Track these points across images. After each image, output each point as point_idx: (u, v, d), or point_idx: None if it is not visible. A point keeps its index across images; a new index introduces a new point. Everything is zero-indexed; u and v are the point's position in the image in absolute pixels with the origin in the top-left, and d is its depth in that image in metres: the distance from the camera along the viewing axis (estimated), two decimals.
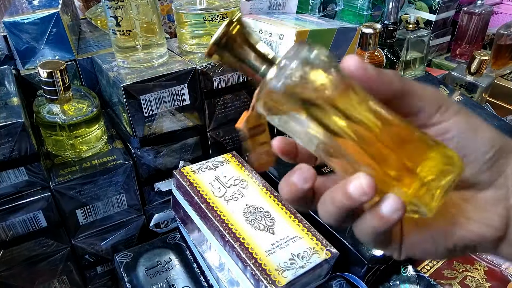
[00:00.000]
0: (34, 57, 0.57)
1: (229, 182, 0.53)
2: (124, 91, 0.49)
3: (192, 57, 0.57)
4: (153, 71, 0.52)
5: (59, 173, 0.51)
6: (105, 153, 0.54)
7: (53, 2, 0.58)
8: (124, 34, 0.51)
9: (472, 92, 0.82)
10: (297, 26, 0.63)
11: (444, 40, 1.04)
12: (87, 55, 0.60)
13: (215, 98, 0.57)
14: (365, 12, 0.80)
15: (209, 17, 0.56)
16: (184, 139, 0.57)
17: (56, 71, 0.49)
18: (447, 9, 0.98)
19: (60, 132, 0.51)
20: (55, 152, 0.53)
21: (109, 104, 0.61)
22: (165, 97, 0.53)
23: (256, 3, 0.70)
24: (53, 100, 0.50)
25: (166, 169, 0.58)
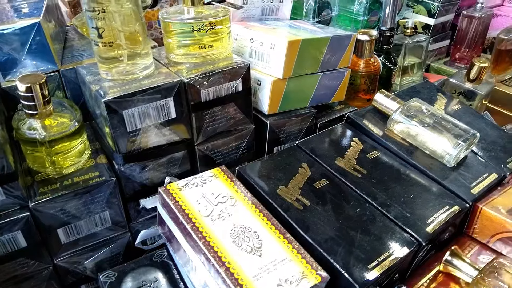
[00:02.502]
0: (15, 69, 0.55)
1: (216, 200, 0.51)
2: (106, 106, 0.47)
3: (179, 68, 0.55)
4: (137, 84, 0.50)
5: (39, 191, 0.49)
6: (88, 169, 0.52)
7: (35, 11, 0.56)
8: (107, 46, 0.49)
9: (471, 100, 0.79)
10: (290, 35, 0.61)
11: (443, 44, 1.02)
12: (72, 65, 0.58)
13: (203, 111, 0.55)
14: (361, 17, 0.78)
15: (196, 26, 0.54)
16: (170, 154, 0.55)
17: (35, 85, 0.47)
18: (446, 13, 0.96)
19: (40, 148, 0.49)
20: (35, 168, 0.51)
21: (92, 114, 0.59)
22: (149, 111, 0.50)
23: (248, 10, 0.68)
24: (33, 115, 0.48)
25: (152, 185, 0.56)
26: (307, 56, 0.61)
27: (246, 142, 0.62)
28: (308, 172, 0.56)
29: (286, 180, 0.55)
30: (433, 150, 0.60)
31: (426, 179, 0.57)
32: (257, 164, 0.58)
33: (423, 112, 0.62)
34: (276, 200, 0.52)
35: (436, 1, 0.92)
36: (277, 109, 0.63)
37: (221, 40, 0.57)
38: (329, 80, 0.67)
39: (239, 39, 0.63)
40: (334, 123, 0.69)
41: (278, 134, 0.65)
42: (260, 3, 0.69)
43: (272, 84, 0.60)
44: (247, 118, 0.60)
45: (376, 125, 0.65)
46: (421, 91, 0.75)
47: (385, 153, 0.61)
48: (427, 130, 0.60)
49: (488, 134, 0.67)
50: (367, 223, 0.50)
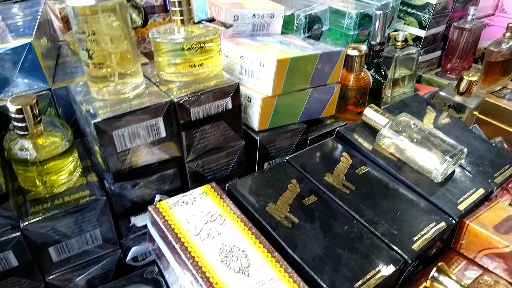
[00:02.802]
0: (7, 88, 0.56)
1: (205, 218, 0.52)
2: (95, 127, 0.48)
3: (170, 86, 0.56)
4: (127, 105, 0.51)
5: (30, 210, 0.50)
6: (79, 188, 0.53)
7: (27, 30, 0.57)
8: (97, 67, 0.50)
9: (460, 112, 0.80)
10: (279, 52, 0.62)
11: (434, 56, 1.03)
12: (63, 83, 0.59)
13: (193, 129, 0.56)
14: (352, 32, 0.78)
15: (187, 46, 0.55)
16: (161, 172, 0.56)
17: (26, 107, 0.47)
18: (437, 24, 0.97)
19: (31, 168, 0.50)
20: (27, 187, 0.52)
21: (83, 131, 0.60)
22: (139, 131, 0.51)
23: (239, 26, 0.69)
24: (24, 136, 0.49)
25: (143, 202, 0.57)
26: (297, 73, 0.62)
27: (236, 158, 0.63)
28: (297, 188, 0.57)
29: (275, 197, 0.55)
30: (421, 166, 0.60)
31: (414, 195, 0.58)
32: (247, 181, 0.58)
33: (411, 128, 0.63)
34: (265, 218, 0.52)
35: (427, 13, 0.93)
36: (267, 125, 0.64)
37: (211, 58, 0.58)
38: (319, 96, 0.68)
39: (230, 56, 0.64)
40: (325, 138, 0.70)
41: (268, 150, 0.65)
42: (251, 19, 0.69)
43: (262, 101, 0.61)
44: (237, 134, 0.61)
45: (366, 139, 0.66)
46: (410, 104, 0.76)
47: (374, 169, 0.61)
48: (415, 146, 0.61)
49: (476, 148, 0.68)
50: (354, 240, 0.50)
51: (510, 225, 0.55)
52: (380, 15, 0.75)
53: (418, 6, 0.94)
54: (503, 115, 0.91)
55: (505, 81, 0.95)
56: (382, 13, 0.75)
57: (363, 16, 0.78)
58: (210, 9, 0.70)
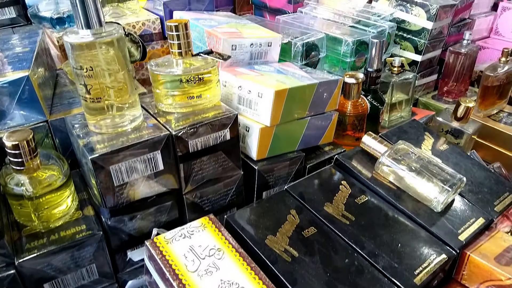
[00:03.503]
0: (3, 120, 0.56)
1: (204, 253, 0.51)
2: (92, 163, 0.47)
3: (168, 118, 0.56)
4: (124, 139, 0.50)
5: (26, 247, 0.49)
6: (75, 222, 0.52)
7: (24, 63, 0.57)
8: (95, 102, 0.50)
9: (458, 138, 0.80)
10: (277, 83, 0.62)
11: (430, 79, 1.04)
12: (60, 115, 0.59)
13: (191, 161, 0.55)
14: (348, 59, 0.79)
15: (185, 78, 0.55)
16: (158, 204, 0.55)
17: (22, 142, 0.47)
18: (433, 49, 0.98)
19: (27, 203, 0.49)
20: (22, 222, 0.51)
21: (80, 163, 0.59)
22: (136, 165, 0.51)
23: (237, 54, 0.69)
24: (20, 171, 0.49)
25: (140, 235, 0.56)
26: (295, 103, 0.62)
27: (234, 188, 0.62)
28: (296, 219, 0.56)
29: (274, 229, 0.55)
30: (420, 195, 0.60)
31: (414, 225, 0.57)
32: (245, 212, 0.58)
33: (410, 156, 0.63)
34: (264, 251, 0.52)
35: (423, 38, 0.93)
36: (265, 155, 0.64)
37: (209, 89, 0.58)
38: (317, 123, 0.68)
39: (228, 86, 0.64)
40: (323, 165, 0.70)
41: (267, 179, 0.65)
42: (249, 48, 0.70)
43: (260, 131, 0.61)
44: (236, 164, 0.61)
45: (365, 167, 0.66)
46: (408, 130, 0.76)
47: (374, 197, 0.61)
48: (414, 175, 0.61)
49: (475, 175, 0.68)
50: (355, 274, 0.50)
51: (511, 256, 0.55)
52: (376, 43, 0.76)
53: (413, 31, 0.95)
54: (500, 139, 0.91)
55: (501, 104, 0.95)
56: (378, 41, 0.75)
57: (359, 43, 0.79)
58: (208, 38, 0.70)
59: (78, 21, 0.47)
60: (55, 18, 0.74)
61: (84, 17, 0.46)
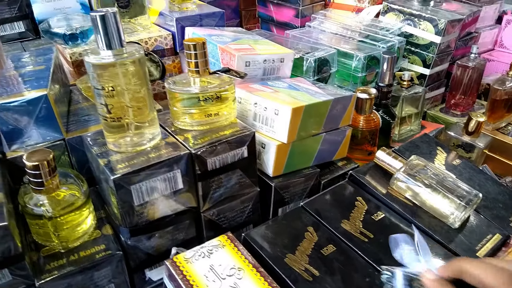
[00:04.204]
0: (21, 139, 0.55)
1: (224, 272, 0.51)
2: (114, 183, 0.47)
3: (186, 136, 0.56)
4: (144, 158, 0.50)
5: (45, 268, 0.48)
6: (94, 241, 0.52)
7: (41, 81, 0.57)
8: (115, 121, 0.50)
9: (469, 152, 0.81)
10: (293, 100, 0.62)
11: (438, 92, 1.04)
12: (77, 133, 0.58)
13: (209, 179, 0.55)
14: (359, 74, 0.79)
15: (203, 97, 0.55)
16: (176, 223, 0.55)
17: (42, 163, 0.47)
18: (441, 63, 0.98)
19: (47, 223, 0.49)
20: (41, 242, 0.51)
21: (97, 181, 0.59)
22: (157, 184, 0.50)
23: (250, 71, 0.69)
24: (40, 191, 0.48)
25: (158, 253, 0.56)
26: (311, 120, 0.62)
27: (251, 205, 0.62)
28: (314, 237, 0.56)
29: (293, 247, 0.55)
30: (437, 211, 0.60)
31: (432, 242, 0.57)
32: (263, 230, 0.57)
33: (425, 172, 0.63)
34: (284, 270, 0.51)
35: (431, 52, 0.94)
36: (281, 171, 0.64)
37: (226, 107, 0.58)
38: (331, 139, 0.68)
39: (243, 103, 0.64)
40: (337, 181, 0.70)
41: (283, 195, 0.65)
42: (262, 64, 0.70)
43: (277, 148, 0.61)
44: (252, 181, 0.60)
45: (379, 182, 0.66)
46: (420, 145, 0.76)
47: (390, 214, 0.61)
48: (430, 191, 0.61)
49: (489, 191, 0.68)
50: None
51: None
52: (388, 59, 0.76)
53: (421, 45, 0.96)
54: (510, 152, 0.91)
55: (510, 117, 0.96)
56: (390, 57, 0.76)
57: (370, 58, 0.79)
58: (222, 55, 0.70)
59: (99, 42, 0.47)
60: (68, 34, 0.74)
61: (105, 38, 0.46)
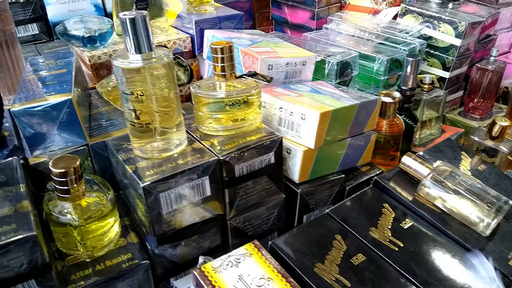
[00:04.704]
0: (44, 144, 0.54)
1: (254, 283, 0.49)
2: (144, 191, 0.46)
3: (212, 141, 0.55)
4: (173, 165, 0.49)
5: (71, 278, 0.47)
6: (120, 251, 0.51)
7: (64, 85, 0.56)
8: (143, 127, 0.49)
9: (493, 157, 0.79)
10: (318, 104, 0.61)
11: (457, 96, 1.03)
12: (101, 138, 0.57)
13: (236, 186, 0.54)
14: (382, 77, 0.78)
15: (229, 101, 0.54)
16: (203, 231, 0.54)
17: (69, 170, 0.46)
18: (460, 66, 0.97)
19: (72, 231, 0.48)
20: (66, 251, 0.50)
21: (121, 187, 0.58)
22: (185, 192, 0.49)
23: (273, 73, 0.68)
24: (66, 199, 0.47)
25: (183, 262, 0.54)
26: (337, 125, 0.61)
27: (276, 212, 0.61)
28: (343, 246, 0.55)
29: (321, 256, 0.53)
30: (466, 218, 0.59)
31: (463, 251, 0.56)
32: (289, 238, 0.56)
33: (453, 178, 0.61)
34: (314, 280, 0.50)
35: (451, 55, 0.93)
36: (307, 177, 0.62)
37: (252, 112, 0.56)
38: (357, 144, 0.66)
39: (267, 107, 0.63)
40: (362, 187, 0.68)
41: (308, 202, 0.63)
42: (284, 67, 0.69)
43: (304, 154, 0.60)
44: (278, 188, 0.59)
45: (405, 188, 0.64)
46: (444, 150, 0.75)
47: (418, 222, 0.59)
48: (459, 198, 0.59)
49: None
50: None
51: None
52: (412, 62, 0.75)
53: (441, 47, 0.94)
54: None
55: None
56: (414, 60, 0.75)
57: (392, 61, 0.78)
58: (243, 58, 0.69)
59: (128, 45, 0.46)
60: (87, 37, 0.73)
61: (135, 42, 0.45)
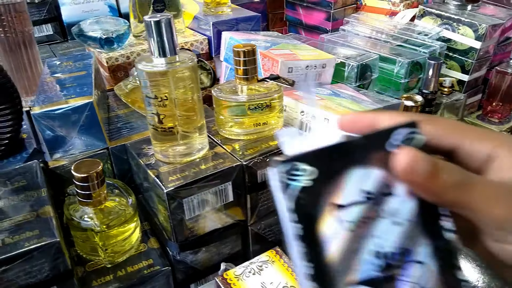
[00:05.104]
0: (64, 147, 0.54)
1: None
2: (168, 196, 0.45)
3: (233, 146, 0.54)
4: (196, 170, 0.48)
5: (92, 284, 0.46)
6: (140, 256, 0.50)
7: (85, 88, 0.55)
8: (166, 131, 0.48)
9: None
10: (341, 108, 0.59)
11: (475, 99, 1.01)
12: (121, 142, 0.56)
13: (258, 191, 0.53)
14: (402, 80, 0.77)
15: (252, 105, 0.53)
16: (224, 237, 0.53)
17: (92, 175, 0.45)
18: (479, 69, 0.95)
19: (94, 236, 0.47)
20: (85, 256, 0.49)
21: (141, 191, 0.57)
22: (208, 197, 0.48)
23: (292, 76, 0.67)
24: (87, 204, 0.46)
25: (203, 268, 0.53)
26: None
27: None
28: None
29: None
30: None
31: None
32: None
33: None
34: None
35: (471, 58, 0.91)
36: None
37: (274, 116, 0.55)
38: None
39: (288, 111, 0.62)
40: None
41: None
42: (304, 70, 0.68)
43: None
44: None
45: None
46: None
47: None
48: None
49: None
50: None
51: None
52: (434, 65, 0.73)
53: (460, 50, 0.92)
54: None
55: None
56: (436, 63, 0.73)
57: (413, 64, 0.77)
58: (263, 60, 0.68)
59: (153, 48, 0.45)
60: (104, 38, 0.72)
61: (159, 45, 0.44)
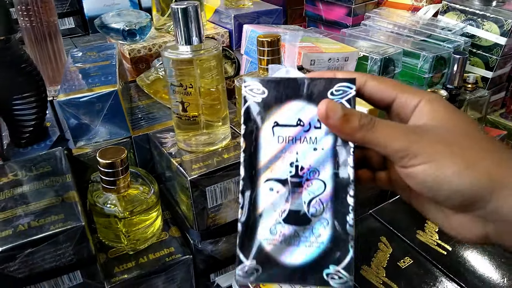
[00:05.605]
0: (88, 135, 0.54)
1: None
2: (191, 184, 0.45)
3: None
4: (219, 159, 0.48)
5: (114, 270, 0.47)
6: (162, 244, 0.50)
7: (109, 77, 0.55)
8: (190, 120, 0.48)
9: None
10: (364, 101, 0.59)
11: (499, 96, 0.99)
12: (144, 131, 0.57)
13: None
14: (426, 75, 0.75)
15: None
16: None
17: (117, 161, 0.45)
18: (504, 65, 0.93)
19: (117, 223, 0.47)
20: (108, 242, 0.49)
21: (163, 180, 0.57)
22: (230, 186, 0.48)
23: (315, 69, 0.66)
24: (111, 190, 0.47)
25: (223, 259, 0.53)
26: None
27: None
28: (389, 248, 0.53)
29: (367, 258, 0.51)
30: None
31: None
32: None
33: None
34: (361, 283, 0.48)
35: (495, 54, 0.89)
36: None
37: None
38: None
39: None
40: None
41: None
42: (326, 63, 0.67)
43: None
44: None
45: None
46: None
47: None
48: None
49: None
50: None
51: None
52: (459, 59, 0.72)
53: (484, 46, 0.91)
54: None
55: None
56: (461, 58, 0.72)
57: (437, 59, 0.75)
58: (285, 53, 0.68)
59: (179, 36, 0.45)
60: (127, 30, 0.72)
61: (185, 32, 0.44)
